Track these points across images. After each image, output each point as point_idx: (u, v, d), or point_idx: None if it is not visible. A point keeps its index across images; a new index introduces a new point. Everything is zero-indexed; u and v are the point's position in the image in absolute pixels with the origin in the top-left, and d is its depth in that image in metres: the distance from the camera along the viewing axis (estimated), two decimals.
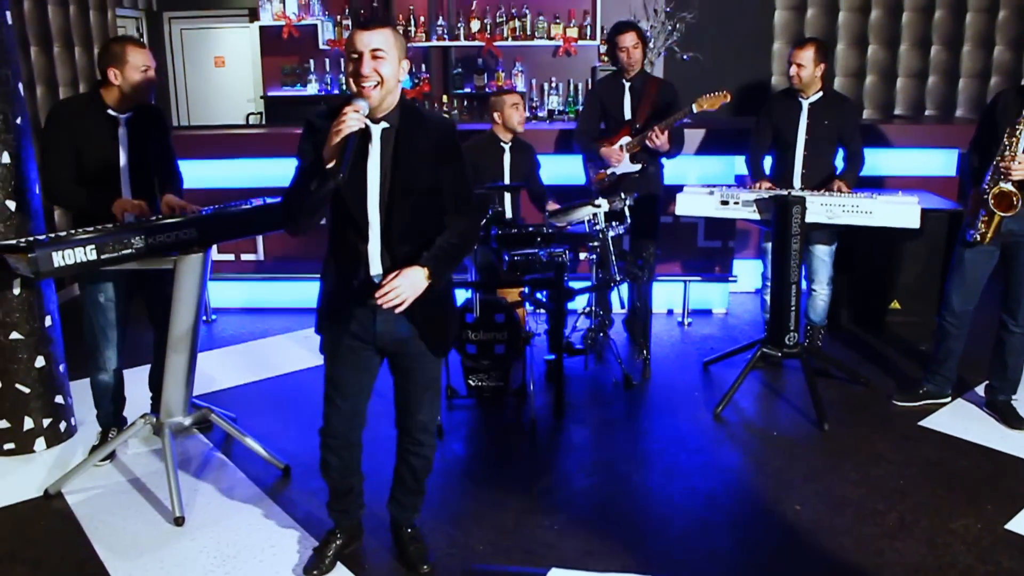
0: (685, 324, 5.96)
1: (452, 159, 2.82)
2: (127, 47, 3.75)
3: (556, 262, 4.34)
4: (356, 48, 2.61)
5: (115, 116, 3.81)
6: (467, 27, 7.92)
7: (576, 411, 4.55)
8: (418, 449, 3.09)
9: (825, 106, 4.78)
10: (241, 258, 6.32)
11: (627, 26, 5.11)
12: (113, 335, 3.98)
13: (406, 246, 2.79)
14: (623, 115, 5.17)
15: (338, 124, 2.53)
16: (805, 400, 4.57)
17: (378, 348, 2.92)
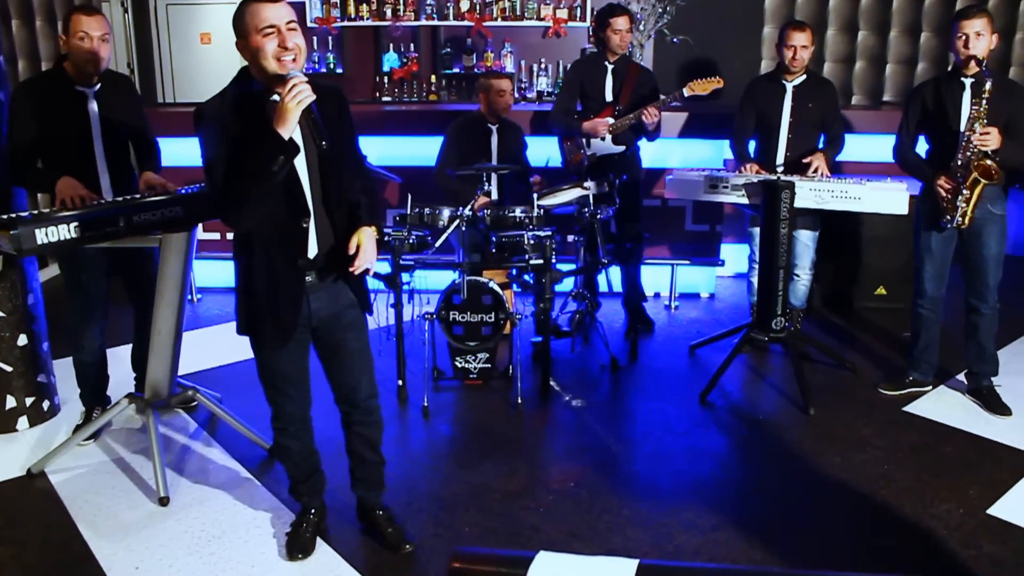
0: (672, 308, 5.97)
1: (349, 121, 2.82)
2: (73, 14, 3.61)
3: (543, 244, 4.32)
4: (270, 23, 2.51)
5: (83, 91, 3.70)
6: (456, 7, 7.84)
7: (562, 394, 4.55)
8: (369, 417, 3.06)
9: (809, 89, 4.77)
10: (227, 237, 6.27)
11: (621, 9, 5.08)
12: (95, 314, 3.93)
13: (340, 214, 2.77)
14: (604, 96, 5.15)
15: (294, 96, 2.46)
16: (791, 384, 4.59)
17: (313, 327, 2.87)
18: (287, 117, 2.49)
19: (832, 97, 4.86)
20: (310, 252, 2.75)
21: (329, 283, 2.82)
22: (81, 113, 3.70)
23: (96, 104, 3.73)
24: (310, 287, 2.78)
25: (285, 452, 3.07)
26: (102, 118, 3.74)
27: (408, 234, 4.32)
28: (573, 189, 4.53)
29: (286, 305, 2.77)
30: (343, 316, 2.88)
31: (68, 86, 3.68)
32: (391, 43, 8.03)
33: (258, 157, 2.51)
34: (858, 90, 8.30)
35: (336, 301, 2.85)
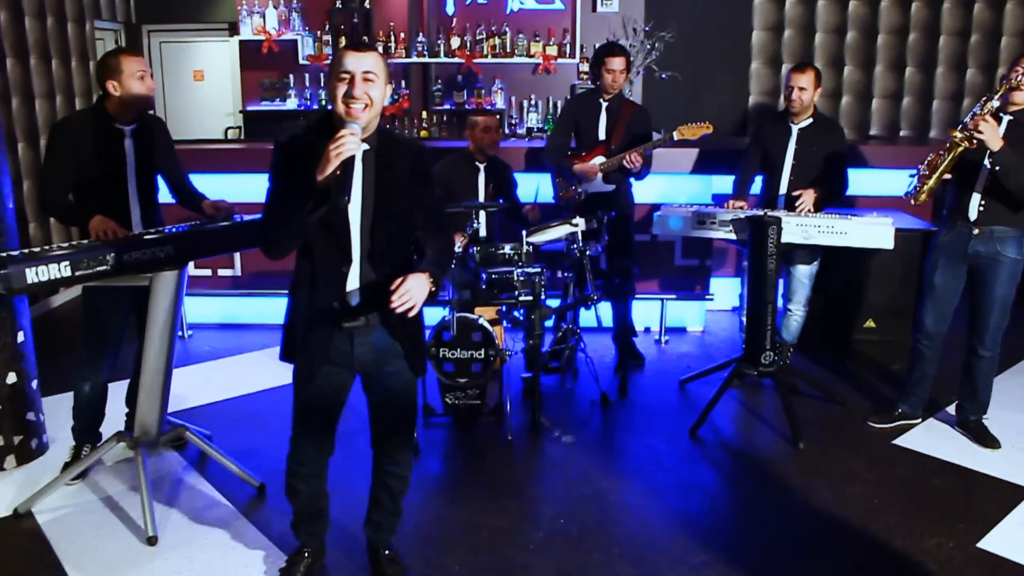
0: (662, 342, 5.99)
1: (427, 183, 2.87)
2: (120, 57, 3.74)
3: (533, 281, 4.34)
4: (347, 69, 2.59)
5: (121, 128, 3.81)
6: (447, 44, 7.94)
7: (553, 429, 4.55)
8: (396, 469, 3.07)
9: (815, 132, 4.82)
10: (218, 273, 6.29)
11: (619, 49, 5.13)
12: (109, 348, 3.96)
13: (387, 267, 2.79)
14: (597, 134, 5.20)
15: (337, 147, 2.49)
16: (780, 419, 4.60)
17: (354, 370, 2.90)
18: (325, 166, 2.52)
19: (838, 141, 4.88)
20: (354, 298, 2.77)
21: (374, 331, 2.82)
22: (118, 150, 3.80)
23: (132, 142, 3.84)
24: (356, 331, 2.80)
25: (292, 491, 3.06)
26: (137, 156, 3.85)
27: None
28: (562, 226, 4.56)
29: (315, 344, 2.81)
30: (387, 365, 2.89)
31: (108, 124, 3.78)
32: None
33: (295, 198, 2.58)
34: (845, 124, 8.40)
35: (382, 350, 2.86)
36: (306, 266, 2.78)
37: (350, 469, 3.89)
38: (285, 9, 8.03)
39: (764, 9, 8.23)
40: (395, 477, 3.09)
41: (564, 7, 8.02)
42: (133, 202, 3.87)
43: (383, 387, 2.94)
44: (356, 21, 8.06)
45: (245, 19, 8.06)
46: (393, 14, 8.05)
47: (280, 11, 8.02)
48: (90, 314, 3.92)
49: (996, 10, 8.24)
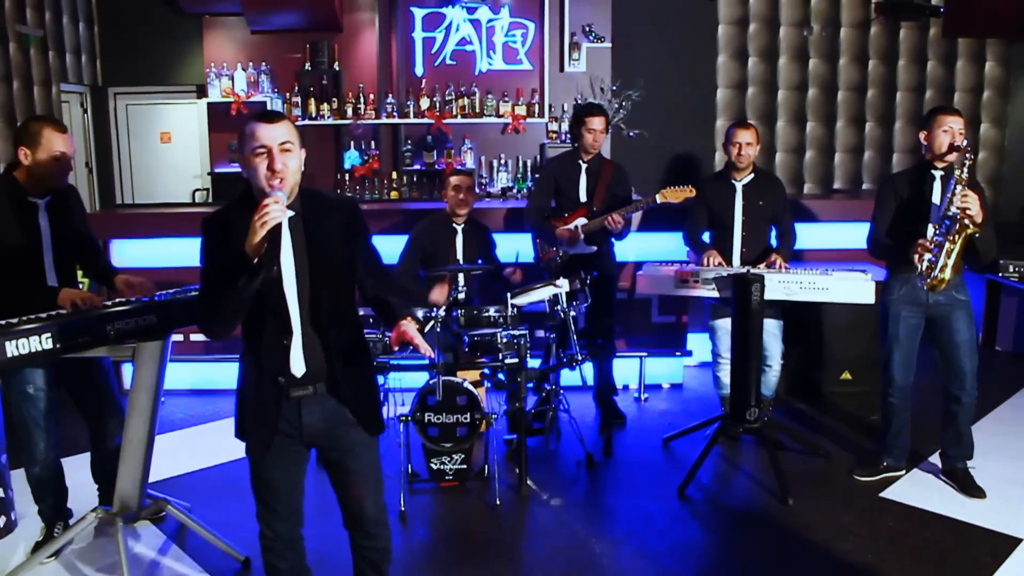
0: (642, 399, 5.97)
1: (361, 233, 2.83)
2: (44, 128, 3.52)
3: (519, 343, 4.32)
4: (262, 143, 2.55)
5: (34, 202, 3.59)
6: (416, 105, 7.99)
7: (540, 492, 4.49)
8: (374, 543, 2.97)
9: (758, 187, 4.91)
10: (190, 338, 6.17)
11: (598, 109, 5.19)
12: (46, 425, 3.72)
13: (333, 328, 2.73)
14: (578, 195, 5.22)
15: (262, 216, 2.44)
16: (766, 474, 4.59)
17: (305, 442, 2.81)
18: (253, 237, 2.47)
19: (781, 193, 5.01)
20: (299, 368, 2.70)
21: (323, 399, 2.76)
22: (32, 224, 3.58)
23: (47, 215, 3.63)
24: (304, 401, 2.73)
25: (271, 571, 2.95)
26: (53, 230, 3.65)
27: (381, 335, 4.30)
28: (546, 287, 4.56)
29: (262, 417, 2.73)
30: (340, 433, 2.80)
31: (20, 197, 3.57)
32: (352, 141, 8.12)
33: (228, 274, 2.52)
34: (809, 178, 8.57)
35: (332, 418, 2.78)
36: (249, 340, 2.72)
37: (333, 540, 3.78)
38: (254, 71, 8.04)
39: (727, 68, 8.40)
40: (375, 551, 2.99)
41: (532, 67, 8.13)
42: (51, 278, 3.65)
43: (340, 460, 2.84)
44: (325, 83, 8.09)
45: (213, 81, 8.05)
46: (362, 75, 8.09)
47: (249, 73, 8.02)
48: (17, 397, 3.66)
49: (948, 67, 8.51)
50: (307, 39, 8.03)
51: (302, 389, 2.72)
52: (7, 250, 3.52)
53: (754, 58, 8.42)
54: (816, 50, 8.44)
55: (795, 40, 8.41)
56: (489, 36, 8.11)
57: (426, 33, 8.09)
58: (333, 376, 2.74)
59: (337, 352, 2.74)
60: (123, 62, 8.36)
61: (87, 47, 8.10)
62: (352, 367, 2.79)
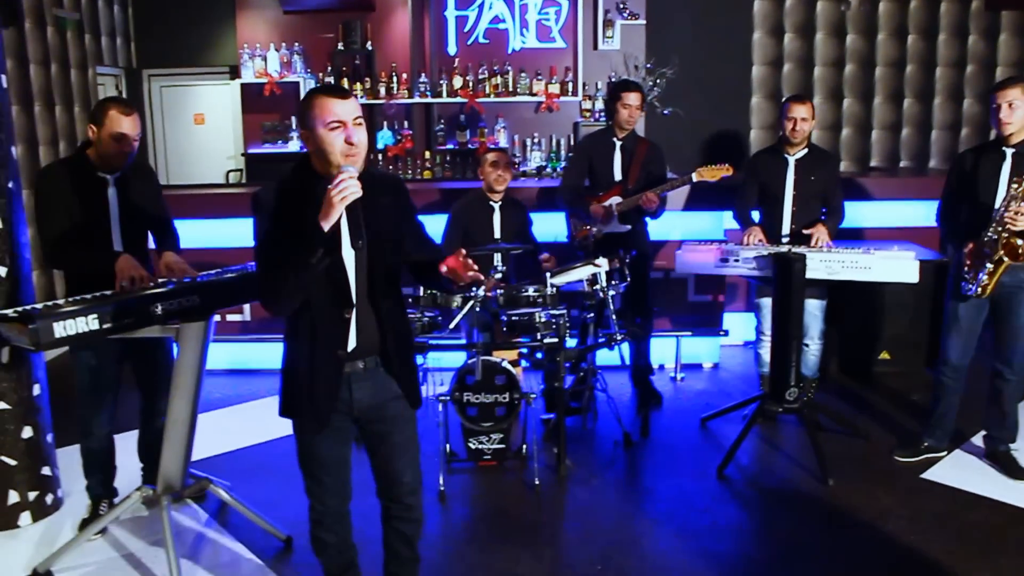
0: (678, 379, 5.94)
1: (411, 211, 2.85)
2: (109, 108, 3.63)
3: (558, 323, 4.30)
4: (339, 117, 2.55)
5: (103, 177, 3.72)
6: (450, 84, 7.95)
7: (579, 472, 4.49)
8: (408, 514, 2.97)
9: (811, 162, 4.83)
10: (227, 319, 6.21)
11: (634, 85, 5.14)
12: (105, 400, 3.86)
13: (387, 302, 2.76)
14: (612, 174, 5.18)
15: (340, 191, 2.46)
16: (805, 455, 4.55)
17: (355, 417, 2.83)
18: (330, 212, 2.48)
19: (834, 169, 4.93)
20: (351, 343, 2.72)
21: (373, 373, 2.78)
22: (100, 199, 3.71)
23: (116, 191, 3.74)
24: (354, 376, 2.74)
25: (320, 545, 2.96)
26: (121, 204, 3.75)
27: (421, 315, 4.31)
28: (585, 266, 4.53)
29: (322, 393, 2.73)
30: (387, 407, 2.82)
31: (90, 172, 3.70)
32: (385, 120, 8.11)
33: (299, 247, 2.51)
34: (845, 156, 8.45)
35: (381, 392, 2.80)
36: (304, 316, 2.70)
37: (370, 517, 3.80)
38: (287, 52, 8.04)
39: (763, 44, 8.29)
40: (409, 522, 2.99)
41: (566, 45, 8.06)
42: None
43: (384, 432, 2.86)
44: (358, 63, 8.08)
45: (247, 62, 8.07)
46: (395, 55, 8.06)
47: (282, 54, 8.02)
48: (81, 368, 3.81)
49: (990, 41, 8.34)
50: (340, 19, 8.01)
51: (354, 364, 2.74)
52: (76, 222, 3.65)
53: (790, 34, 8.30)
54: (854, 25, 8.30)
55: (832, 15, 8.27)
56: (522, 14, 8.04)
57: (459, 12, 8.05)
58: (385, 350, 2.76)
59: (389, 326, 2.76)
60: (157, 44, 8.39)
61: (122, 30, 8.14)
62: (401, 342, 2.82)
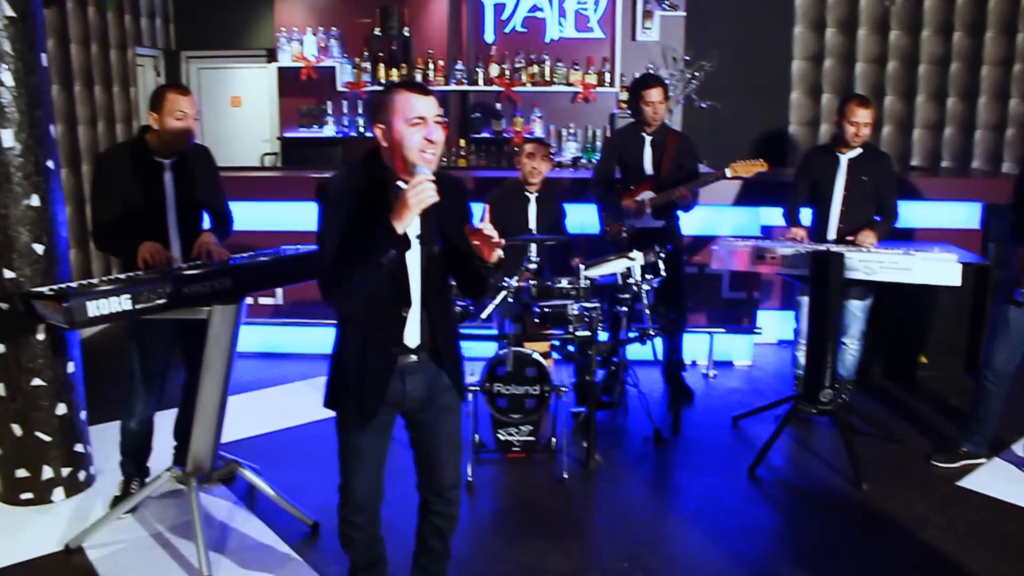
0: (710, 376, 5.88)
1: (467, 211, 2.83)
2: (167, 92, 3.72)
3: (591, 316, 4.26)
4: (421, 113, 2.52)
5: (160, 161, 3.77)
6: (486, 72, 7.91)
7: (608, 467, 4.45)
8: (447, 508, 2.95)
9: (864, 162, 4.73)
10: (259, 301, 6.23)
11: (655, 80, 5.05)
12: (151, 382, 3.91)
13: (440, 299, 2.75)
14: (643, 168, 5.11)
15: (418, 194, 2.42)
16: (839, 458, 4.48)
17: (404, 409, 2.82)
18: (405, 213, 2.45)
19: (888, 169, 4.81)
20: (408, 339, 2.71)
21: (425, 365, 2.77)
22: (157, 183, 3.76)
23: (172, 174, 3.79)
24: (408, 369, 2.73)
25: (347, 541, 2.93)
26: (176, 188, 3.81)
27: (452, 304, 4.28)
28: (620, 260, 4.48)
29: (371, 388, 2.71)
30: (438, 399, 2.82)
31: (147, 157, 3.75)
32: None
33: (369, 245, 2.48)
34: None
35: (433, 384, 2.80)
36: (359, 310, 2.68)
37: (400, 506, 3.79)
38: (324, 36, 8.03)
39: (804, 39, 8.16)
40: (446, 517, 2.97)
41: (604, 36, 7.98)
42: (173, 236, 3.82)
43: (430, 424, 2.84)
44: (395, 48, 8.05)
45: (284, 46, 8.06)
46: (432, 42, 8.03)
47: (319, 38, 8.01)
48: (135, 348, 3.87)
49: None
50: (377, 4, 7.96)
51: (407, 357, 2.73)
52: (135, 204, 3.72)
53: (832, 29, 8.15)
54: (898, 21, 8.13)
55: (876, 10, 8.10)
56: (560, 3, 7.96)
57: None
58: (435, 344, 2.75)
59: (440, 321, 2.75)
60: (196, 26, 8.42)
61: (162, 11, 8.17)
62: (450, 335, 2.84)
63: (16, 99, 3.76)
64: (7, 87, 3.73)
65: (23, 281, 3.81)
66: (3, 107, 3.74)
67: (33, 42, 3.82)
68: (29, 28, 3.79)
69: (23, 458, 3.99)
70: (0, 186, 3.77)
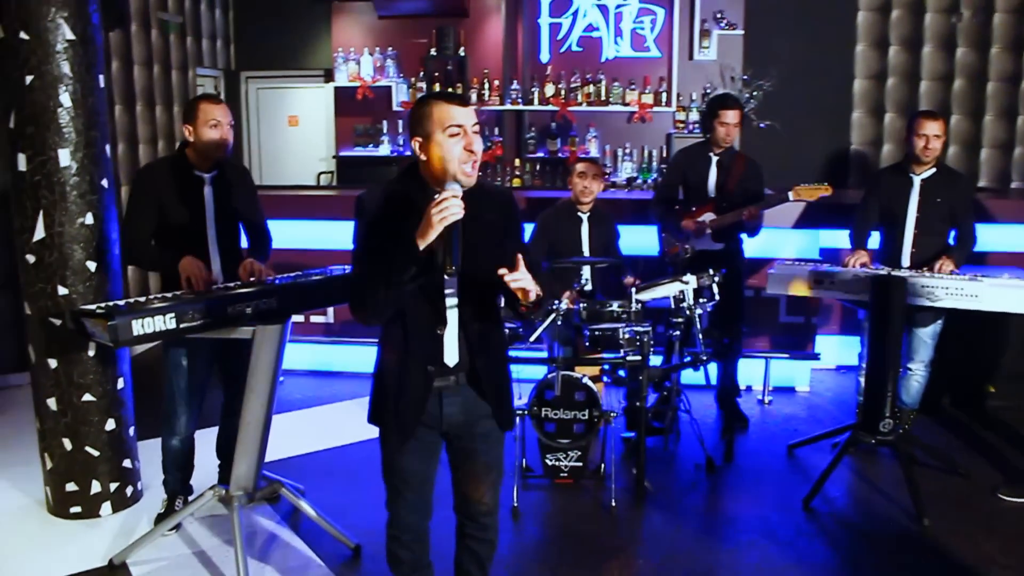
0: (766, 402, 5.72)
1: (516, 228, 2.74)
2: (199, 103, 3.73)
3: (642, 340, 4.17)
4: (458, 122, 2.47)
5: (200, 176, 3.77)
6: (541, 91, 7.88)
7: (657, 495, 4.34)
8: (484, 535, 2.88)
9: (938, 183, 4.55)
10: (310, 320, 6.25)
11: (733, 102, 4.94)
12: (192, 400, 3.90)
13: (480, 319, 2.66)
14: (707, 189, 5.01)
15: (441, 211, 2.35)
16: (900, 490, 4.30)
17: (443, 432, 2.75)
18: (428, 231, 2.38)
19: (964, 190, 4.64)
20: (447, 358, 2.64)
21: (464, 390, 2.70)
22: (197, 198, 3.77)
23: (212, 189, 3.79)
24: (445, 391, 2.67)
25: (395, 560, 2.87)
26: (216, 204, 3.80)
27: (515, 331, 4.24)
28: (673, 283, 4.38)
29: (408, 407, 2.66)
30: (477, 425, 2.74)
31: (188, 171, 3.76)
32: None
33: (393, 262, 2.43)
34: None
35: (471, 409, 2.72)
36: (397, 328, 2.63)
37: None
38: (380, 56, 8.09)
39: (866, 57, 7.98)
40: (483, 543, 2.89)
41: (660, 55, 7.90)
42: (213, 251, 3.81)
43: (471, 449, 2.77)
44: (451, 68, 8.08)
45: (340, 66, 8.15)
46: (487, 61, 8.03)
47: (375, 58, 8.08)
48: (172, 369, 3.85)
49: None
50: (433, 24, 8.02)
51: (446, 379, 2.66)
52: (174, 219, 3.72)
53: (896, 46, 7.96)
54: (965, 38, 7.90)
55: (942, 27, 7.89)
56: (617, 22, 7.92)
57: (552, 19, 7.97)
58: (473, 368, 2.67)
59: (479, 344, 2.66)
60: (255, 47, 8.56)
61: (222, 32, 8.32)
62: (492, 360, 2.72)
63: (73, 119, 3.82)
64: (65, 108, 3.80)
65: (76, 298, 3.86)
66: (61, 127, 3.80)
67: (92, 64, 3.88)
68: (89, 51, 3.86)
69: (72, 472, 4.03)
70: (55, 204, 3.82)
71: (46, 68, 3.74)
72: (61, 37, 3.75)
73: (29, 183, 3.82)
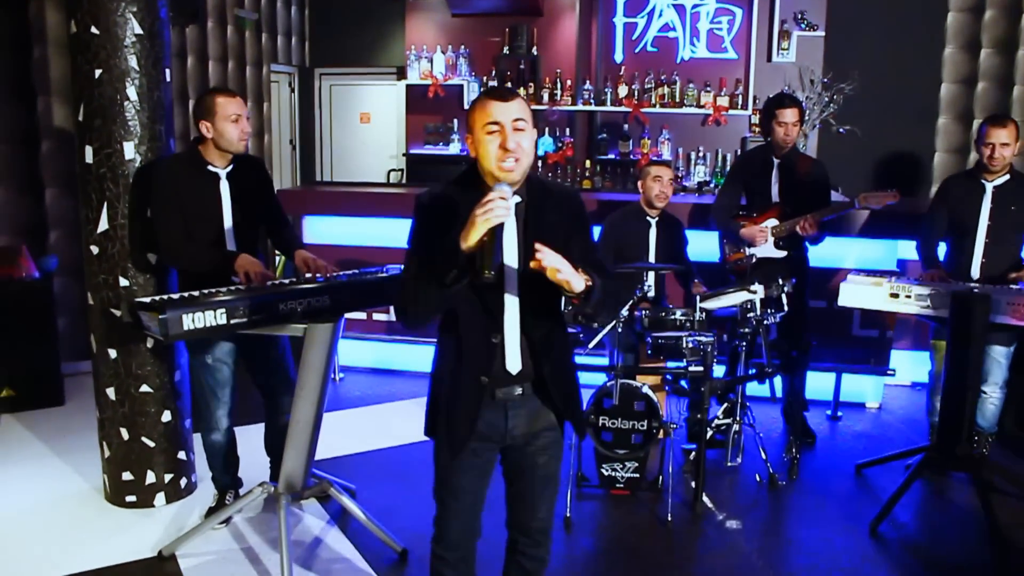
0: (835, 418, 5.50)
1: (582, 229, 2.59)
2: (215, 97, 3.65)
3: (705, 351, 4.02)
4: (495, 119, 2.34)
5: (215, 171, 3.70)
6: (614, 92, 7.76)
7: (716, 511, 4.19)
8: (536, 551, 2.76)
9: (1012, 190, 4.31)
10: (373, 317, 6.24)
11: (790, 100, 4.74)
12: (224, 395, 3.85)
13: (541, 328, 2.52)
14: (770, 194, 4.81)
15: (484, 211, 2.23)
16: (975, 519, 4.07)
17: (505, 445, 2.63)
18: (470, 232, 2.26)
19: None
20: (509, 366, 2.51)
21: (529, 401, 2.58)
22: (213, 194, 3.70)
23: (228, 184, 3.72)
24: (510, 404, 2.56)
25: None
26: (233, 199, 3.73)
27: (578, 336, 4.15)
28: (739, 292, 4.22)
29: (460, 419, 2.54)
30: (540, 437, 2.62)
31: (202, 167, 3.69)
32: (547, 127, 7.99)
33: (437, 263, 2.33)
34: None
35: (537, 421, 2.60)
36: (450, 336, 2.53)
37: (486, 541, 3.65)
38: (453, 55, 8.06)
39: (955, 60, 7.64)
40: (535, 560, 2.77)
41: (737, 56, 7.70)
42: (231, 245, 3.74)
43: (530, 463, 2.64)
44: (523, 67, 8.00)
45: (413, 64, 8.14)
46: (560, 61, 7.94)
47: (448, 56, 8.05)
48: (199, 366, 3.81)
49: None
50: (507, 23, 7.96)
51: (510, 390, 2.54)
52: (190, 216, 3.65)
53: (988, 49, 7.59)
54: None
55: None
56: (693, 22, 7.75)
57: (627, 18, 7.83)
58: (540, 377, 2.54)
59: (545, 351, 2.53)
60: (329, 44, 8.63)
61: (297, 29, 8.40)
62: (559, 366, 2.59)
63: (139, 113, 3.85)
64: (131, 101, 3.82)
65: (136, 290, 3.89)
66: (127, 120, 3.83)
67: (159, 59, 3.91)
68: (156, 45, 3.88)
69: (128, 461, 4.07)
70: (119, 197, 3.85)
71: (114, 62, 3.78)
72: (129, 31, 3.78)
73: (95, 175, 3.86)
